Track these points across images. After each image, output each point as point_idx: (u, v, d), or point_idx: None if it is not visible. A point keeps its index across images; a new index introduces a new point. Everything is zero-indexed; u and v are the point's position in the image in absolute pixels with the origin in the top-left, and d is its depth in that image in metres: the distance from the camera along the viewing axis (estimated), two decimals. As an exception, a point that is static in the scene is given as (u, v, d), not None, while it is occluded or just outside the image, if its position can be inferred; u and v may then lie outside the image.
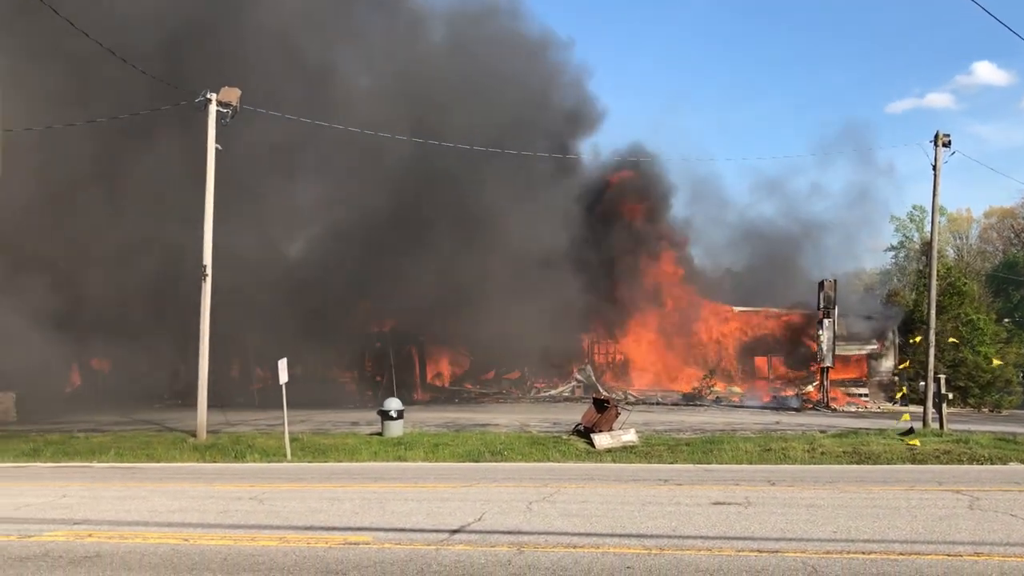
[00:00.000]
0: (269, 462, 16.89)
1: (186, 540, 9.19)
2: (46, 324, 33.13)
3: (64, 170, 34.76)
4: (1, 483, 14.44)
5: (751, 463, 15.56)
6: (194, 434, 20.36)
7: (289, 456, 17.17)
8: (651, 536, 8.94)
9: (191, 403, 30.73)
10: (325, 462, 16.65)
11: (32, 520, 10.60)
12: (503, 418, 24.52)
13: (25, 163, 29.23)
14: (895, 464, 15.45)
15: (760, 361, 38.91)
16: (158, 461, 17.36)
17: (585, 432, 18.62)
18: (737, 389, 34.96)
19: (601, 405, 19.31)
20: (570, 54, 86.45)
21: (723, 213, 57.37)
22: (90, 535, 9.55)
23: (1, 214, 32.97)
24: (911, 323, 33.88)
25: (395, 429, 19.60)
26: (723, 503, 10.88)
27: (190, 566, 8.07)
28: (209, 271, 20.80)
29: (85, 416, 28.61)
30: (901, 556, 8.01)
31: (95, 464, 17.05)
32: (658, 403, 30.65)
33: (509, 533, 9.18)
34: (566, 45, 70.70)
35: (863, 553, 8.10)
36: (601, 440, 17.45)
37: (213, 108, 20.86)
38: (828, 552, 8.14)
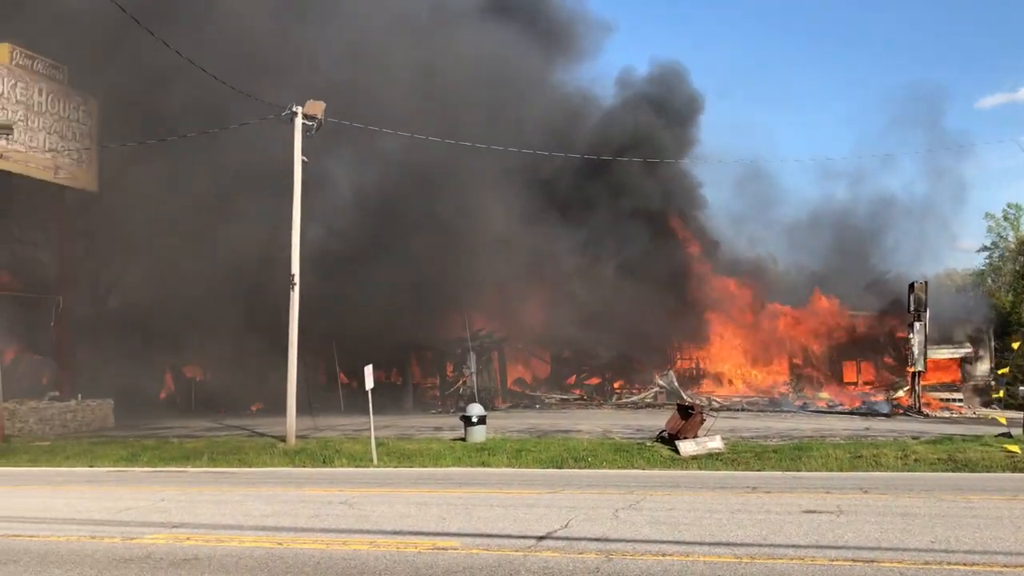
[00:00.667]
0: (356, 467, 17.18)
1: (280, 544, 9.41)
2: (142, 334, 34.42)
3: (152, 184, 36.07)
4: (104, 487, 15.03)
5: (841, 470, 15.20)
6: (283, 439, 20.82)
7: (375, 461, 17.43)
8: (741, 544, 8.82)
9: (279, 408, 31.52)
10: (411, 467, 16.84)
11: (134, 523, 11.00)
12: (585, 424, 24.45)
13: (118, 178, 30.47)
14: (994, 472, 14.90)
15: (848, 365, 37.98)
16: (249, 466, 17.82)
17: (669, 439, 18.44)
18: (824, 394, 34.17)
19: (685, 411, 19.09)
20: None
21: (800, 212, 56.01)
22: (188, 538, 9.86)
23: (99, 227, 34.37)
24: (1007, 325, 32.64)
25: (478, 435, 19.72)
26: (814, 511, 10.66)
27: (284, 569, 8.27)
28: (297, 279, 21.27)
29: (178, 422, 29.56)
30: (1005, 568, 7.74)
31: (189, 469, 17.59)
32: (743, 409, 30.14)
33: (596, 540, 9.16)
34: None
35: (964, 565, 7.84)
36: (686, 447, 17.25)
37: (299, 121, 21.34)
38: (927, 563, 7.91)
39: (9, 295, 23.90)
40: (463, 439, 19.81)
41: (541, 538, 9.33)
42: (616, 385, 36.31)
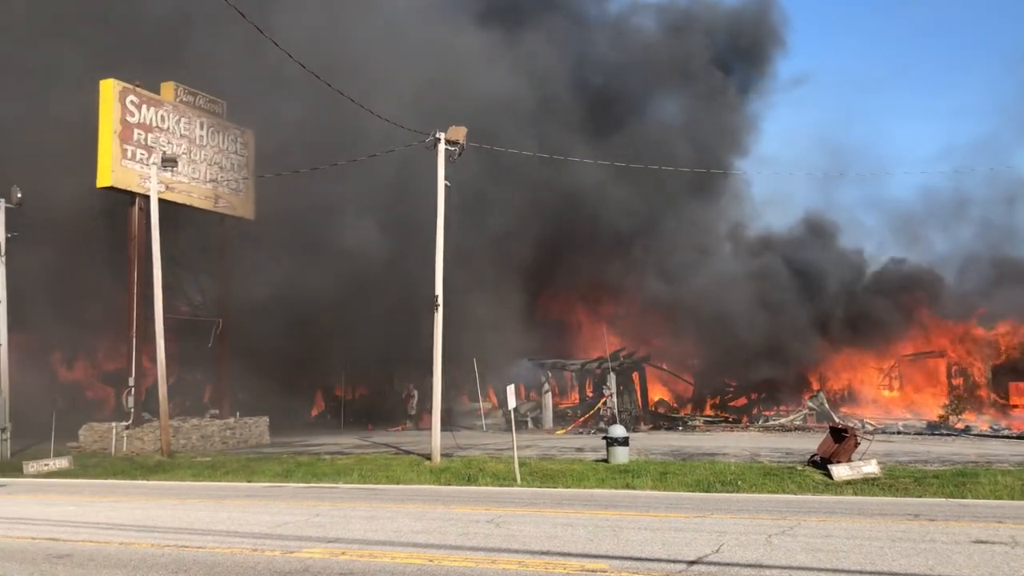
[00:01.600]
0: (500, 486, 17.29)
1: (431, 560, 9.56)
2: (294, 354, 35.97)
3: (300, 209, 37.77)
4: (262, 501, 15.68)
5: (1013, 499, 14.21)
6: (429, 457, 21.23)
7: (519, 480, 17.51)
8: (905, 575, 8.37)
9: (423, 426, 32.16)
10: (554, 487, 16.82)
11: (291, 537, 11.41)
12: (731, 447, 23.86)
13: (270, 205, 32.03)
14: None
15: (1017, 387, 35.63)
16: (397, 482, 18.22)
17: (821, 463, 17.75)
18: (989, 417, 32.18)
19: (839, 434, 18.34)
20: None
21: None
22: (343, 553, 10.15)
23: (254, 256, 36.19)
24: None
25: (620, 456, 19.53)
26: (985, 542, 10.01)
27: (436, 586, 8.40)
28: (441, 300, 21.71)
29: (329, 439, 30.61)
30: None
31: (341, 485, 18.13)
32: (899, 432, 28.73)
33: (750, 566, 8.89)
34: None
35: None
36: (840, 471, 16.55)
37: (442, 147, 21.86)
38: (1119, 602, 7.29)
39: (172, 318, 25.39)
40: (605, 460, 19.68)
41: (692, 562, 9.13)
42: (762, 407, 35.32)
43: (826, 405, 32.57)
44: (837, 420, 28.83)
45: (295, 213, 35.56)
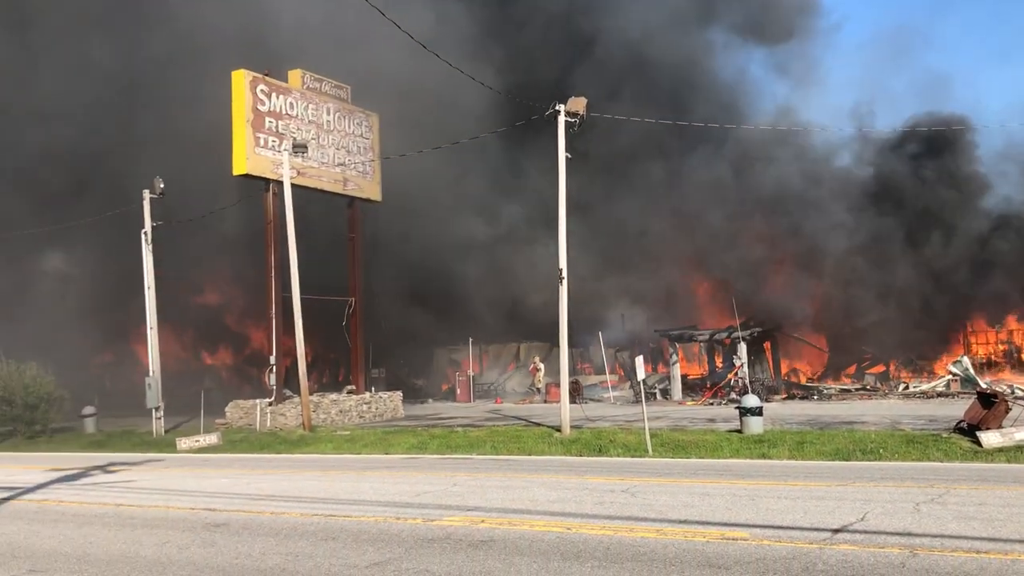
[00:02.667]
0: (631, 457, 17.27)
1: (568, 529, 9.66)
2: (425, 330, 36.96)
3: (421, 186, 38.60)
4: (400, 472, 16.16)
5: None
6: (558, 429, 21.37)
7: (650, 451, 17.44)
8: (1070, 545, 7.96)
9: (551, 399, 32.40)
10: (686, 458, 16.69)
11: (431, 505, 11.73)
12: (869, 415, 23.08)
13: (395, 185, 32.83)
14: None
15: None
16: (529, 454, 18.44)
17: (969, 430, 16.97)
18: None
19: (987, 400, 17.47)
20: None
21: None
22: (482, 521, 10.37)
23: (381, 232, 37.15)
24: None
25: (754, 426, 19.17)
26: None
27: (575, 554, 8.48)
28: (565, 274, 21.74)
29: (460, 412, 31.19)
30: None
31: (475, 456, 18.49)
32: (1053, 398, 27.19)
33: (898, 534, 8.62)
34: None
35: None
36: (989, 438, 15.80)
37: (562, 119, 21.79)
38: None
39: (308, 299, 26.28)
40: (739, 431, 19.36)
41: (836, 531, 8.92)
42: (902, 373, 33.97)
43: (971, 370, 31.04)
44: (983, 385, 27.44)
45: (419, 193, 36.46)
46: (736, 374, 32.10)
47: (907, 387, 31.59)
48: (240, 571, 8.48)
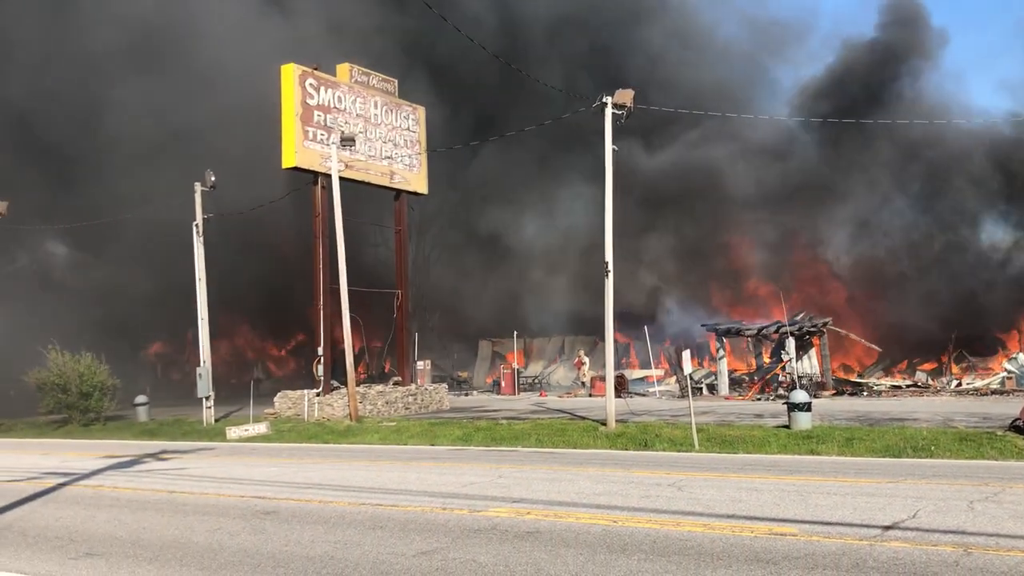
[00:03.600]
0: (677, 451, 17.16)
1: (615, 522, 9.65)
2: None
3: (470, 179, 38.69)
4: (446, 463, 16.25)
5: None
6: (603, 422, 21.33)
7: (696, 446, 17.32)
8: None
9: (596, 392, 32.37)
10: (734, 453, 16.54)
11: (477, 497, 11.79)
12: (921, 412, 22.70)
13: (439, 179, 33.07)
14: None
15: None
16: (574, 447, 18.42)
17: (1024, 428, 16.65)
18: None
19: (1044, 398, 17.14)
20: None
21: None
22: (528, 512, 10.40)
23: (425, 224, 37.34)
24: None
25: (803, 421, 18.96)
26: None
27: (622, 547, 8.47)
28: (611, 267, 21.66)
29: (505, 405, 31.29)
30: None
31: (520, 448, 18.51)
32: (1113, 396, 26.48)
33: (951, 532, 8.47)
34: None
35: None
36: (1046, 437, 15.49)
37: (609, 111, 21.69)
38: None
39: (355, 291, 26.51)
40: (787, 426, 19.16)
41: (887, 528, 8.79)
42: (955, 369, 33.32)
43: (1027, 367, 30.39)
44: (1040, 383, 26.85)
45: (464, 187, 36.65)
46: (783, 369, 31.77)
47: (960, 384, 31.01)
48: (289, 558, 8.60)
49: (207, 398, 28.13)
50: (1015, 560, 7.38)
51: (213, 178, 28.42)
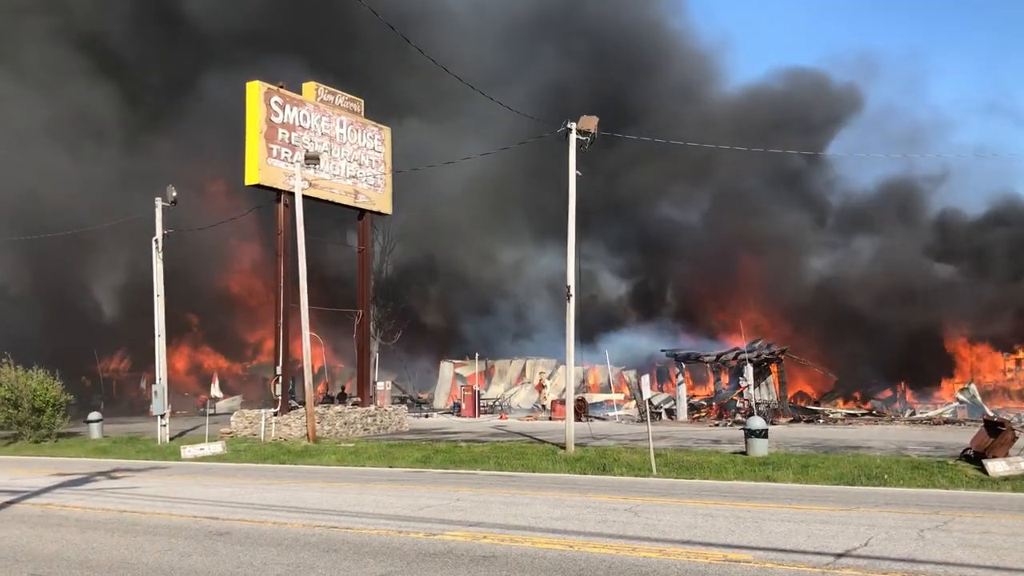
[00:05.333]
0: (636, 476, 17.20)
1: (571, 547, 9.65)
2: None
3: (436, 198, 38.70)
4: (403, 486, 16.14)
5: None
6: (563, 446, 21.34)
7: (654, 471, 17.39)
8: (1075, 576, 7.92)
9: (555, 416, 32.38)
10: (691, 479, 16.63)
11: (434, 520, 11.72)
12: (875, 440, 23.01)
13: (405, 198, 33.03)
14: None
15: None
16: (533, 470, 18.38)
17: (975, 458, 16.90)
18: None
19: (994, 428, 17.40)
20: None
21: None
22: (485, 536, 10.36)
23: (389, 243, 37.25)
24: None
25: (760, 448, 19.13)
26: None
27: (577, 572, 8.47)
28: (573, 291, 21.76)
29: (464, 428, 31.17)
30: None
31: (478, 471, 18.43)
32: (1061, 427, 27.02)
33: (902, 560, 8.59)
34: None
35: None
36: (996, 466, 15.74)
37: (573, 137, 21.88)
38: None
39: (316, 309, 26.33)
40: (744, 452, 19.32)
41: (839, 555, 8.88)
42: (909, 396, 33.86)
43: (978, 398, 30.96)
44: (991, 413, 27.34)
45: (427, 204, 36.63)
46: (741, 395, 32.05)
47: (914, 413, 31.50)
48: (242, 580, 8.48)
49: (162, 416, 27.71)
50: (963, 589, 7.50)
51: (174, 193, 28.16)
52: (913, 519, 11.05)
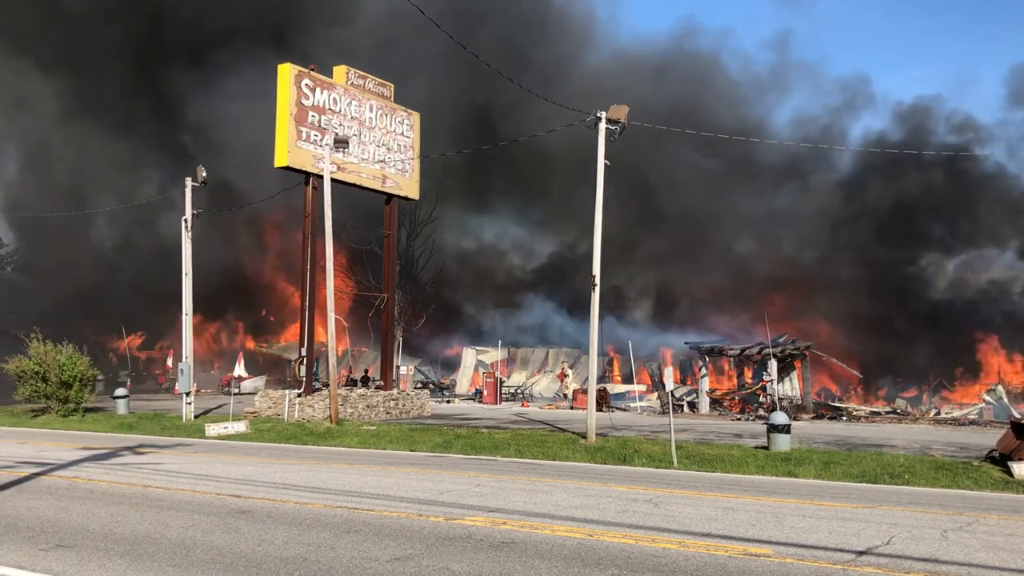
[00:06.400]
0: (656, 467, 17.18)
1: (590, 535, 9.66)
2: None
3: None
4: (425, 470, 16.21)
5: None
6: (584, 435, 21.34)
7: (675, 463, 17.35)
8: (1101, 581, 7.83)
9: (577, 405, 32.38)
10: (712, 472, 16.58)
11: (454, 504, 11.77)
12: (899, 439, 22.81)
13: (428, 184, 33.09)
14: None
15: None
16: (553, 459, 18.41)
17: (1001, 459, 16.72)
18: None
19: (1021, 430, 17.20)
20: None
21: None
22: (504, 523, 10.39)
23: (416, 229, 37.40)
24: None
25: (782, 443, 19.02)
26: None
27: (596, 561, 8.47)
28: (598, 281, 21.70)
29: (486, 414, 31.25)
30: None
31: (499, 458, 18.48)
32: (1089, 431, 26.65)
33: (924, 560, 8.52)
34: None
35: None
36: (1021, 469, 15.57)
37: (603, 126, 21.78)
38: None
39: (342, 293, 26.49)
40: (765, 447, 19.22)
41: (861, 553, 8.83)
42: (934, 400, 33.55)
43: (1005, 399, 30.60)
44: (1017, 415, 27.03)
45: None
46: (764, 390, 31.88)
47: (938, 413, 31.20)
48: (262, 558, 8.56)
49: (187, 394, 27.99)
50: (986, 590, 7.44)
51: (204, 174, 28.36)
52: (936, 519, 10.95)
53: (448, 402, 38.71)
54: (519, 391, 43.10)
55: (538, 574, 7.93)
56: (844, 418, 30.60)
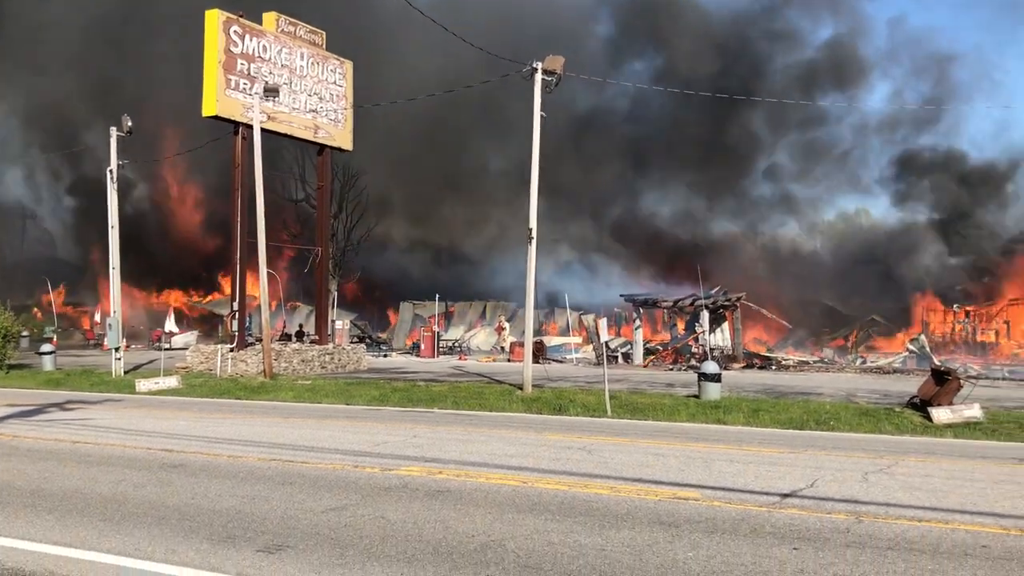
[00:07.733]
0: (590, 416, 17.44)
1: (524, 483, 9.79)
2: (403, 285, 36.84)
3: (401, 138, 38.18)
4: (360, 423, 16.21)
5: None
6: (520, 387, 21.52)
7: (609, 412, 17.64)
8: (1008, 516, 8.21)
9: (514, 358, 32.61)
10: (644, 420, 16.89)
11: (390, 456, 11.81)
12: (826, 387, 23.49)
13: (372, 137, 32.57)
14: None
15: None
16: (490, 410, 18.56)
17: (921, 405, 17.35)
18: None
19: (940, 377, 17.84)
20: None
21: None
22: (440, 472, 10.47)
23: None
24: None
25: (712, 392, 19.44)
26: (1095, 489, 9.70)
27: (530, 507, 8.60)
28: (535, 234, 21.74)
29: (422, 368, 31.29)
30: None
31: (436, 410, 18.57)
32: (1004, 378, 27.77)
33: (845, 501, 8.83)
34: None
35: None
36: (940, 414, 16.17)
37: (539, 77, 21.66)
38: None
39: (274, 246, 26.08)
40: (696, 396, 19.62)
41: (786, 495, 9.12)
42: (859, 348, 34.57)
43: (927, 348, 31.68)
44: (937, 363, 28.03)
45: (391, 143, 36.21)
46: (697, 340, 32.48)
47: (864, 361, 32.16)
48: (196, 511, 8.49)
49: (116, 349, 27.42)
50: (901, 528, 7.73)
51: (130, 123, 27.52)
52: (858, 463, 11.34)
53: (385, 356, 38.63)
54: (457, 345, 43.20)
55: (472, 520, 8.02)
56: (774, 367, 31.36)
